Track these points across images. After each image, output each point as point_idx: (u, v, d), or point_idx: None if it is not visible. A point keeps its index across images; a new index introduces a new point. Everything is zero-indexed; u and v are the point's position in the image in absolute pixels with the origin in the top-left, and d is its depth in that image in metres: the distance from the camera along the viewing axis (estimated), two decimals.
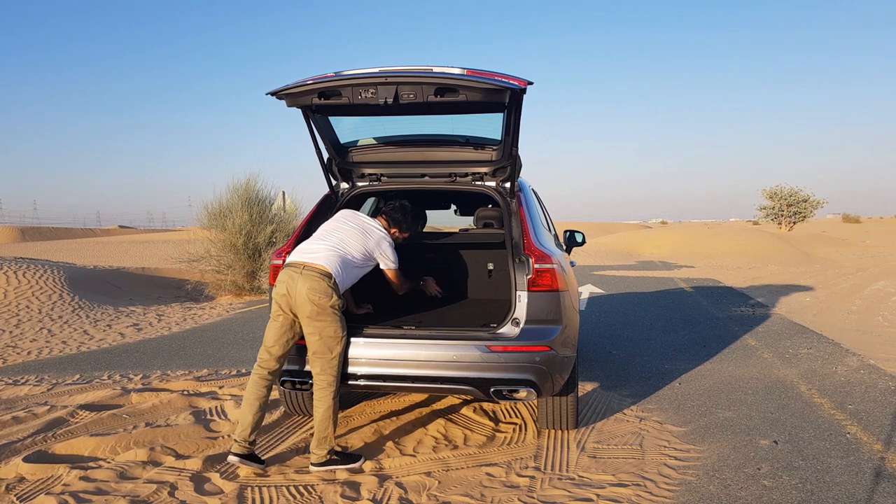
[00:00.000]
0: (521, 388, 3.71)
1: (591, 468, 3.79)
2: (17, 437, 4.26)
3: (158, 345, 7.89)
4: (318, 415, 3.73)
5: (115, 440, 4.15)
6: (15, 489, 3.49)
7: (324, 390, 3.72)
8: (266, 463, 3.83)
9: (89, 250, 30.51)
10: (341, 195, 4.62)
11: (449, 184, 4.53)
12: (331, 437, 3.74)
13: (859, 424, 4.45)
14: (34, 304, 10.43)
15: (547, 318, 3.79)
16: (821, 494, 3.37)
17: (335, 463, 3.75)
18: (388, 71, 3.61)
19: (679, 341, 7.72)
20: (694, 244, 28.60)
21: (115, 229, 78.00)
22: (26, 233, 59.49)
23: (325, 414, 3.72)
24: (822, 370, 6.03)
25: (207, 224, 13.23)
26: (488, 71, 3.56)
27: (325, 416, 3.72)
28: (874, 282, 13.23)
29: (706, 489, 3.47)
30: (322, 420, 3.72)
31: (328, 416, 3.72)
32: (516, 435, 4.39)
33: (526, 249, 3.90)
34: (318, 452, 3.73)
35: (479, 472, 3.76)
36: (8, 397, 5.36)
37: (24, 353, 7.50)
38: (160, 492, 3.47)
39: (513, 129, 3.97)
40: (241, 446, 3.70)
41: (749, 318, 9.33)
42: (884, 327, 8.50)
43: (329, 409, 3.72)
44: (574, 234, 6.20)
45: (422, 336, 3.83)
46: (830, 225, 64.31)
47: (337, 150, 4.56)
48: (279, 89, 3.67)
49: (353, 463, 3.80)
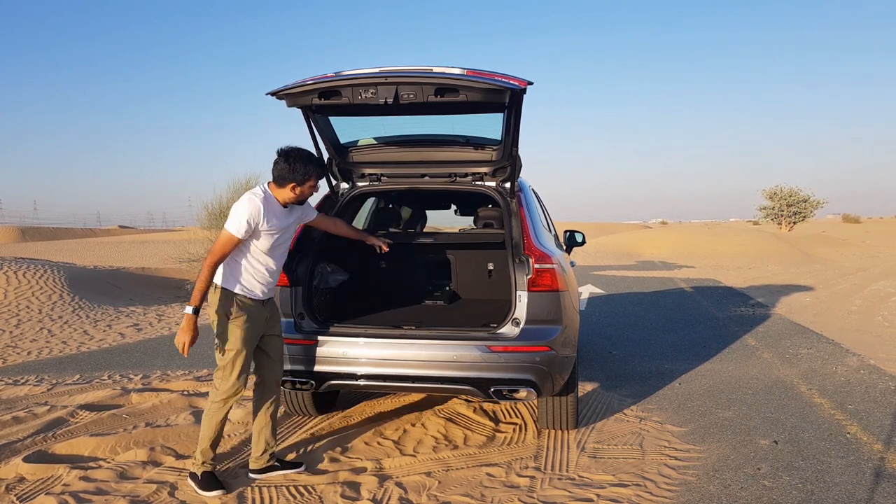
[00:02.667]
0: (522, 388, 3.71)
1: (591, 468, 3.79)
2: (17, 437, 4.26)
3: (158, 345, 7.89)
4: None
5: (115, 440, 4.15)
6: (15, 489, 3.49)
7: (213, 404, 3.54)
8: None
9: (89, 250, 30.51)
10: (341, 195, 4.62)
11: (449, 184, 4.52)
12: (205, 450, 3.53)
13: (859, 424, 4.45)
14: (34, 304, 10.43)
15: (547, 318, 3.79)
16: (821, 494, 3.37)
17: (193, 479, 3.53)
18: (388, 71, 3.61)
19: (679, 341, 7.72)
20: (694, 244, 28.58)
21: (115, 229, 77.97)
22: (26, 233, 59.48)
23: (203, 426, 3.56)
24: (823, 370, 6.03)
25: (207, 224, 13.23)
26: (488, 71, 3.56)
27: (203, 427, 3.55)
28: (874, 282, 13.23)
29: (706, 489, 3.47)
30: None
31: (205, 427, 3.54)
32: (516, 435, 4.39)
33: (526, 249, 3.90)
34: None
35: (480, 472, 3.76)
36: (8, 397, 5.36)
37: (24, 353, 7.50)
38: (160, 492, 3.47)
39: (513, 129, 3.97)
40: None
41: (749, 319, 9.32)
42: (884, 327, 8.50)
43: (207, 422, 3.53)
44: (574, 234, 6.20)
45: (422, 336, 3.83)
46: (830, 225, 64.30)
47: (337, 150, 4.56)
48: (279, 89, 3.67)
49: (195, 483, 3.51)
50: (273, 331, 3.70)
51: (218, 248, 3.36)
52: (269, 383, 3.73)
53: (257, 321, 3.55)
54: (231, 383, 3.48)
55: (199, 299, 3.31)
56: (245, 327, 3.47)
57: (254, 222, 3.36)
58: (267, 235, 3.46)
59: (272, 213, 3.44)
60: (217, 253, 3.36)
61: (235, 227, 3.35)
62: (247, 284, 3.49)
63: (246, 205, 3.37)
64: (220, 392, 3.50)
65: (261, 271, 3.52)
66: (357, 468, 3.82)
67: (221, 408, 3.52)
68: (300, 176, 3.43)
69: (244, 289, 3.48)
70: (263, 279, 3.54)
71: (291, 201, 3.53)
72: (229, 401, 3.52)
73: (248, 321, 3.48)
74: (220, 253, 3.36)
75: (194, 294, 3.31)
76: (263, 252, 3.49)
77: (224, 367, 3.47)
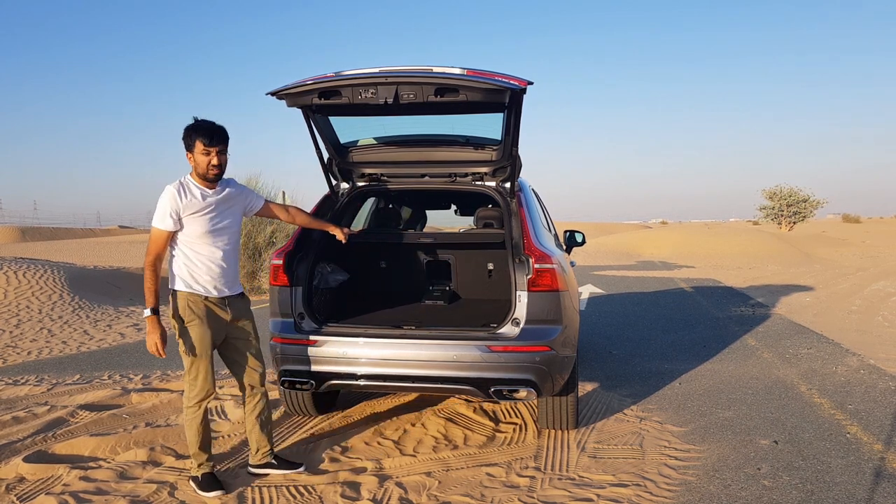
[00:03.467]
0: (522, 388, 3.71)
1: (591, 468, 3.79)
2: (17, 437, 4.26)
3: None
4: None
5: (115, 440, 4.15)
6: (15, 489, 3.49)
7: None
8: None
9: (89, 250, 30.49)
10: (341, 195, 4.62)
11: (449, 184, 4.53)
12: (196, 454, 3.52)
13: (859, 424, 4.45)
14: (34, 304, 10.43)
15: (547, 318, 3.79)
16: (821, 494, 3.37)
17: (194, 481, 3.52)
18: (388, 71, 3.61)
19: (679, 341, 7.72)
20: (694, 244, 28.59)
21: (115, 229, 77.92)
22: (26, 233, 59.44)
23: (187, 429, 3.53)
24: (823, 370, 6.03)
25: None
26: (488, 71, 3.56)
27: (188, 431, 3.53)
28: (874, 282, 13.23)
29: (706, 489, 3.47)
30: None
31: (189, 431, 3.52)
32: (516, 435, 4.39)
33: (526, 249, 3.90)
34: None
35: (480, 472, 3.75)
36: (8, 397, 5.36)
37: (24, 353, 7.50)
38: (160, 492, 3.47)
39: (513, 129, 3.97)
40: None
41: (749, 319, 9.32)
42: (884, 327, 8.50)
43: (188, 429, 3.52)
44: (574, 234, 6.20)
45: (422, 336, 3.83)
46: (830, 225, 64.30)
47: (337, 150, 4.55)
48: (279, 89, 3.67)
49: (196, 484, 3.52)
50: (239, 333, 3.59)
51: (151, 246, 3.33)
52: (247, 385, 3.66)
53: (213, 322, 3.44)
54: (199, 387, 3.44)
55: (151, 299, 3.28)
56: (199, 331, 3.38)
57: (174, 210, 3.29)
58: (196, 220, 3.35)
59: (191, 195, 3.34)
60: (152, 251, 3.32)
61: (158, 218, 3.31)
62: (195, 281, 3.39)
63: (164, 194, 3.32)
64: (188, 397, 3.48)
65: (206, 265, 3.40)
66: (357, 468, 3.82)
67: (196, 412, 3.48)
68: (188, 142, 3.35)
69: (192, 287, 3.38)
70: (212, 272, 3.41)
71: (202, 174, 3.37)
72: (202, 404, 3.48)
73: (202, 324, 3.38)
74: (154, 251, 3.32)
75: (146, 295, 3.30)
76: (202, 240, 3.38)
77: (188, 372, 3.44)
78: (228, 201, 3.52)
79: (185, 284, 3.39)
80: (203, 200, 3.38)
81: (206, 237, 3.39)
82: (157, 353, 3.30)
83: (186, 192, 3.35)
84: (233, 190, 3.56)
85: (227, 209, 3.51)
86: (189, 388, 3.47)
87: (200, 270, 3.40)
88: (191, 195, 3.35)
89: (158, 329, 3.29)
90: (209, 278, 3.42)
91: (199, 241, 3.39)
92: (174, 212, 3.30)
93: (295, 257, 4.12)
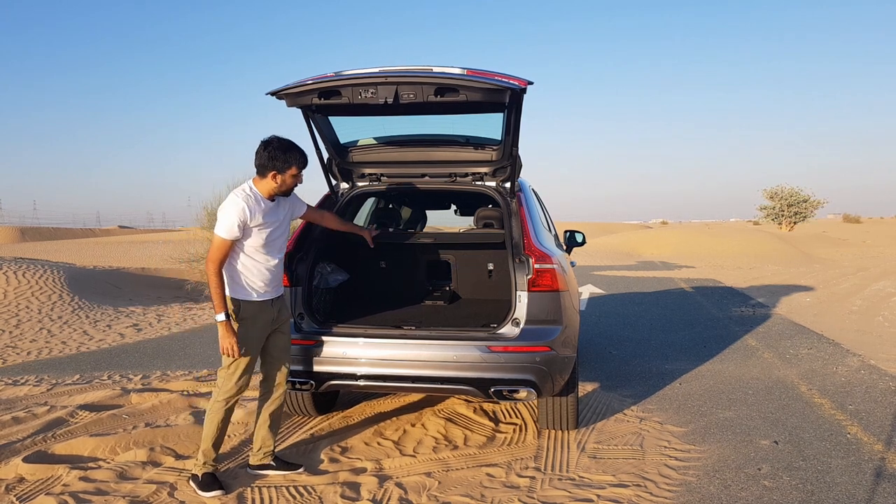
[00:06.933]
0: (522, 389, 3.70)
1: (591, 468, 3.78)
2: (17, 438, 4.26)
3: (158, 345, 7.88)
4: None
5: (114, 440, 4.15)
6: (15, 489, 3.49)
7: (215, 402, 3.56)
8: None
9: (89, 250, 30.50)
10: (341, 195, 4.61)
11: (449, 184, 4.52)
12: (207, 450, 3.54)
13: (860, 425, 4.44)
14: (34, 304, 10.43)
15: (547, 319, 3.79)
16: (821, 495, 3.36)
17: (193, 480, 3.53)
18: (388, 71, 3.61)
19: (679, 341, 7.72)
20: (694, 244, 28.60)
21: (114, 229, 77.99)
22: (26, 233, 59.47)
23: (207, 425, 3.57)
24: (823, 370, 6.02)
25: (207, 224, 13.23)
26: (488, 71, 3.56)
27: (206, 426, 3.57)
28: (874, 282, 13.23)
29: (706, 489, 3.47)
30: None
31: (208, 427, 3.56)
32: (516, 435, 4.39)
33: (526, 249, 3.90)
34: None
35: (480, 472, 3.75)
36: (8, 397, 5.35)
37: (23, 353, 7.49)
38: (160, 492, 3.46)
39: (513, 129, 3.97)
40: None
41: (749, 319, 9.32)
42: (884, 327, 8.50)
43: (209, 422, 3.55)
44: (574, 234, 6.20)
45: (422, 336, 3.83)
46: (831, 225, 64.28)
47: (337, 150, 4.55)
48: (279, 89, 3.67)
49: (196, 484, 3.53)
50: (281, 328, 3.70)
51: (214, 254, 3.38)
52: (274, 380, 3.73)
53: (262, 323, 3.55)
54: (233, 383, 3.50)
55: (221, 305, 3.36)
56: (249, 330, 3.48)
57: (242, 221, 3.35)
58: (258, 232, 3.45)
59: (259, 209, 3.42)
60: (215, 259, 3.37)
61: (226, 229, 3.35)
62: (249, 286, 3.48)
63: (232, 205, 3.36)
64: (221, 391, 3.52)
65: (261, 270, 3.51)
66: (357, 468, 3.82)
67: (223, 407, 3.53)
68: (280, 164, 3.41)
69: (246, 292, 3.48)
70: (265, 278, 3.53)
71: (276, 192, 3.50)
72: (231, 400, 3.54)
73: (253, 325, 3.49)
74: (217, 258, 3.37)
75: (215, 302, 3.37)
76: (259, 250, 3.48)
77: (228, 367, 3.49)
78: (284, 212, 3.64)
79: (240, 290, 3.48)
80: (268, 214, 3.48)
81: (263, 247, 3.49)
82: (232, 354, 3.39)
83: (256, 207, 3.42)
84: (284, 199, 3.65)
85: (283, 221, 3.63)
86: (224, 382, 3.51)
87: (255, 277, 3.50)
88: (257, 209, 3.42)
89: (232, 333, 3.38)
90: (262, 283, 3.52)
91: (257, 250, 3.48)
92: (242, 223, 3.36)
93: (295, 257, 4.12)
